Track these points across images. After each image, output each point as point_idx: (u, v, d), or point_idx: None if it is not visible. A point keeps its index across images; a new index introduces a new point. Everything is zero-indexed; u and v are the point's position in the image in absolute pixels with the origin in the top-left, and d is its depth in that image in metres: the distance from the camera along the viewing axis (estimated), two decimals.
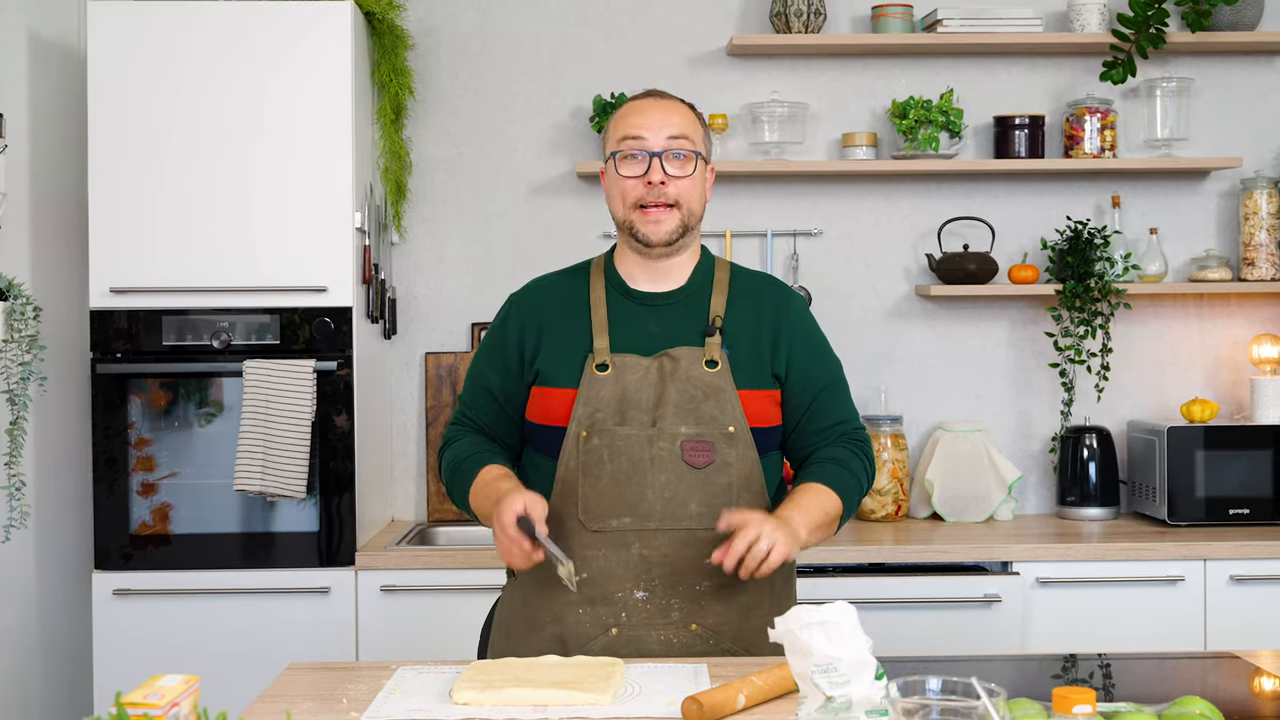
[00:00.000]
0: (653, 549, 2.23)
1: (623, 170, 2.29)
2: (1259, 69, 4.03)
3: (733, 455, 2.25)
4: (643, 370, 2.27)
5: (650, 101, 2.34)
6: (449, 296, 3.97)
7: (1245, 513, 3.66)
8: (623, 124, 2.32)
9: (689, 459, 2.24)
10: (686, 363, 2.26)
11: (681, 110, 2.34)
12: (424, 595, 3.37)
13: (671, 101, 2.35)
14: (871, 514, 3.84)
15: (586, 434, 2.25)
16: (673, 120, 2.30)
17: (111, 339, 3.38)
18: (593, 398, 2.25)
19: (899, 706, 1.46)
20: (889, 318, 4.02)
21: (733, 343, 2.30)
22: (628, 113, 2.33)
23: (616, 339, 2.29)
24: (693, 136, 2.31)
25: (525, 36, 3.99)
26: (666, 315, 2.32)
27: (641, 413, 2.25)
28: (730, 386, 2.26)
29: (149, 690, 1.49)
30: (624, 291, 2.34)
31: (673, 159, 2.28)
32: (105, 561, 3.37)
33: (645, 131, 2.28)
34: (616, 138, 2.31)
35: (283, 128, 3.39)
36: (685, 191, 2.29)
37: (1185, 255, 4.02)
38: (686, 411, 2.24)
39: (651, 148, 2.28)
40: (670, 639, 2.23)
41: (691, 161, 2.30)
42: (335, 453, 3.40)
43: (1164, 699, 1.76)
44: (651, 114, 2.31)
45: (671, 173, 2.28)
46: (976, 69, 4.01)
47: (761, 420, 2.29)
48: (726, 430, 2.25)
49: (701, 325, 2.31)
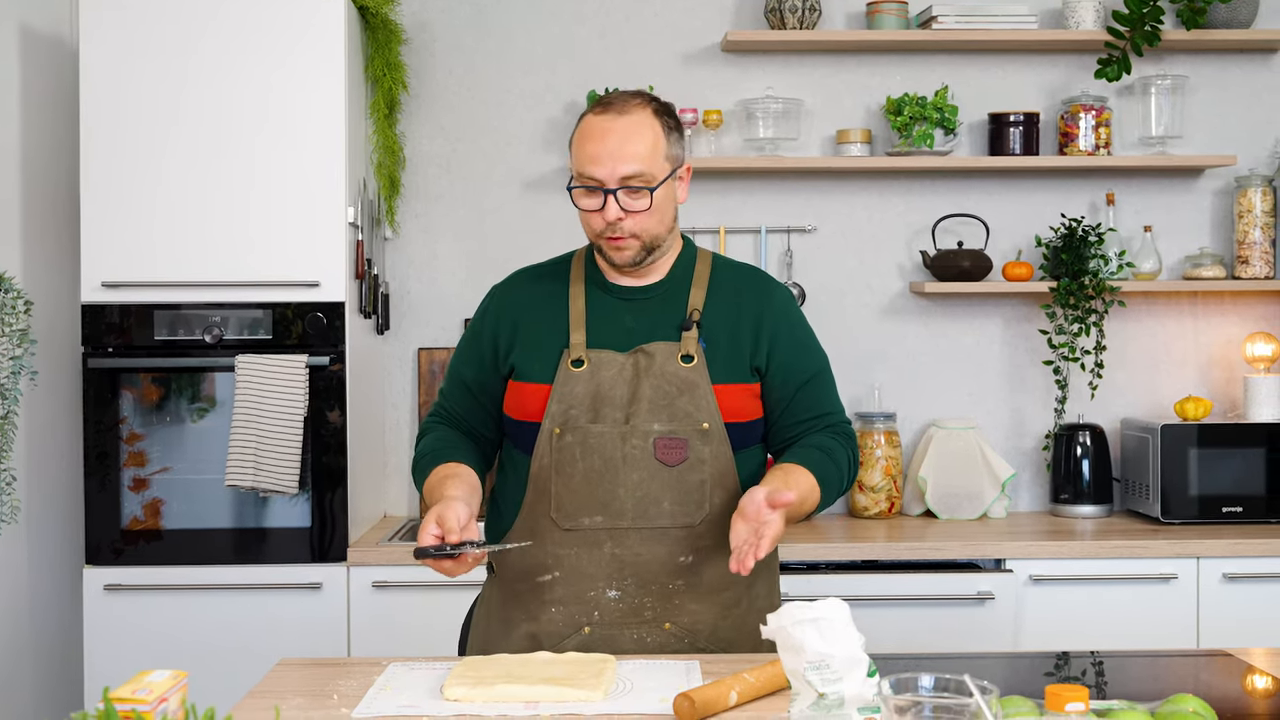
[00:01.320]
0: (625, 548, 2.22)
1: (581, 203, 2.25)
2: (1254, 67, 4.03)
3: (706, 452, 2.23)
4: (618, 366, 2.25)
5: (606, 127, 2.21)
6: (442, 292, 3.96)
7: (1238, 511, 3.66)
8: (580, 152, 2.23)
9: (661, 457, 2.22)
10: (661, 358, 2.24)
11: (639, 133, 2.22)
12: (416, 591, 3.36)
13: (628, 122, 2.22)
14: (864, 511, 3.84)
15: (559, 431, 2.23)
16: (627, 152, 2.20)
17: (103, 333, 3.37)
18: (567, 394, 2.24)
19: (891, 703, 1.46)
20: (883, 315, 4.01)
21: (711, 336, 2.27)
22: (585, 137, 2.24)
23: (593, 334, 2.28)
24: (649, 168, 2.21)
25: (520, 31, 3.99)
26: (644, 309, 2.30)
27: (615, 409, 2.23)
28: (705, 382, 2.24)
29: (137, 686, 1.49)
30: (602, 286, 2.32)
31: (628, 193, 2.21)
32: (96, 556, 3.36)
33: (599, 170, 2.20)
34: (575, 167, 2.25)
35: (276, 122, 3.37)
36: (642, 222, 2.23)
37: (1179, 253, 4.02)
38: (660, 408, 2.22)
39: (606, 185, 2.20)
40: (644, 638, 2.22)
41: (646, 197, 2.22)
42: (327, 448, 3.40)
43: (1157, 697, 1.75)
44: (607, 143, 2.20)
45: (628, 208, 2.21)
46: (971, 66, 4.01)
47: (738, 415, 2.27)
48: (700, 427, 2.23)
49: (680, 319, 2.29)
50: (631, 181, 2.21)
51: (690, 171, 2.35)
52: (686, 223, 3.94)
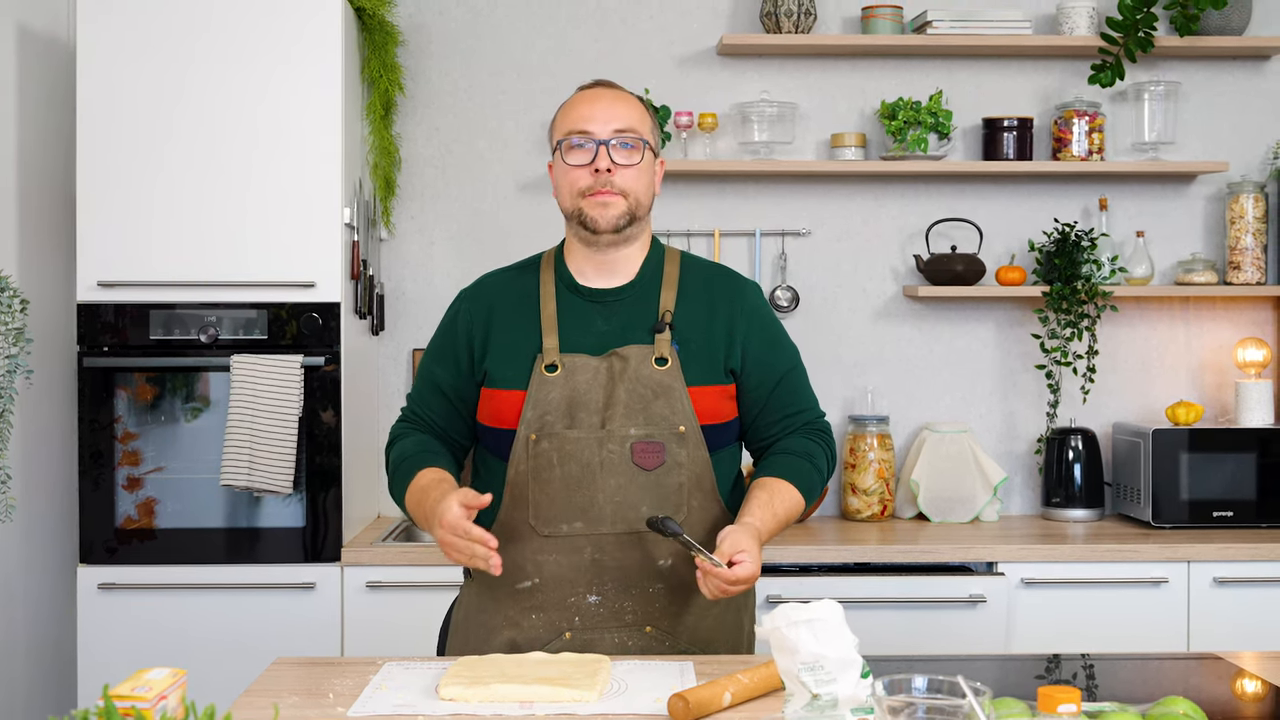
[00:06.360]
0: (605, 553, 2.22)
1: (570, 159, 2.27)
2: (1246, 73, 4.05)
3: (683, 455, 2.23)
4: (592, 370, 2.24)
5: (598, 92, 2.32)
6: (437, 293, 3.97)
7: (1229, 515, 3.67)
8: (570, 115, 2.30)
9: (639, 461, 2.22)
10: (636, 361, 2.24)
11: (629, 101, 2.32)
12: (409, 592, 3.36)
13: (619, 92, 2.33)
14: (857, 514, 3.85)
15: (535, 437, 2.22)
16: (618, 111, 2.28)
17: (98, 333, 3.37)
18: (541, 400, 2.23)
19: (885, 704, 1.47)
20: (876, 318, 4.03)
21: (683, 338, 2.27)
22: (575, 103, 2.32)
23: (566, 338, 2.27)
24: (640, 128, 2.29)
25: (515, 34, 3.99)
26: (616, 312, 2.30)
27: (590, 414, 2.22)
28: (680, 384, 2.24)
29: (136, 683, 1.49)
30: (573, 288, 2.32)
31: (620, 148, 2.26)
32: (90, 555, 3.37)
33: (591, 124, 2.26)
34: (564, 129, 2.29)
35: (272, 122, 3.38)
36: (632, 181, 2.27)
37: (1171, 258, 4.04)
38: (636, 412, 2.22)
39: (598, 137, 2.25)
40: (625, 641, 2.22)
41: (639, 151, 2.27)
42: (322, 448, 3.40)
43: (1147, 699, 1.76)
44: (598, 104, 2.29)
45: (619, 161, 2.26)
46: (966, 71, 4.02)
47: (714, 417, 2.27)
48: (677, 430, 2.23)
49: (651, 321, 2.28)
50: (624, 136, 2.26)
51: (664, 167, 2.38)
52: (682, 225, 3.96)
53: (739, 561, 2.07)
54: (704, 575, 2.07)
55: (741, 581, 2.07)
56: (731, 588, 2.08)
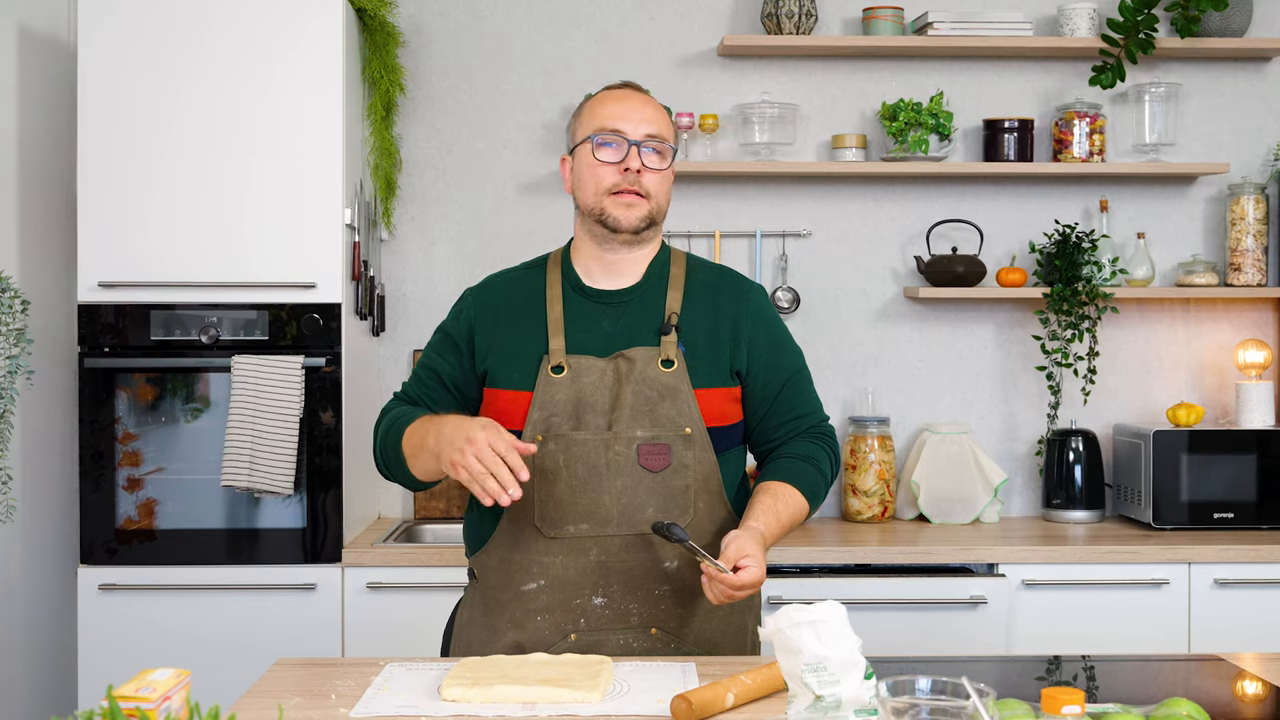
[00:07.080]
0: (610, 554, 2.22)
1: (600, 156, 2.28)
2: (1247, 75, 4.05)
3: (690, 457, 2.23)
4: (598, 372, 2.24)
5: (629, 93, 2.34)
6: (438, 294, 3.97)
7: (1229, 517, 3.67)
8: (601, 111, 2.30)
9: (645, 463, 2.22)
10: (642, 363, 2.24)
11: (658, 107, 2.35)
12: (410, 593, 3.36)
13: (648, 97, 2.36)
14: (858, 515, 3.85)
15: (542, 439, 2.22)
16: (649, 114, 2.30)
17: (99, 333, 3.37)
18: (548, 401, 2.23)
19: (889, 706, 1.47)
20: (877, 319, 4.03)
21: (689, 340, 2.28)
22: (606, 100, 2.32)
23: (572, 339, 2.27)
24: (668, 136, 2.32)
25: (516, 35, 3.99)
26: (622, 313, 2.30)
27: (597, 416, 2.22)
28: (687, 386, 2.24)
29: (140, 684, 1.49)
30: (579, 289, 2.32)
31: (650, 153, 2.28)
32: (90, 556, 3.36)
33: (624, 124, 2.27)
34: (593, 125, 2.30)
35: (273, 123, 3.38)
36: (657, 185, 2.29)
37: (1172, 260, 4.04)
38: (642, 413, 2.22)
39: (631, 138, 2.27)
40: (630, 643, 2.22)
41: (667, 158, 2.30)
42: (322, 449, 3.40)
43: (1149, 700, 1.76)
44: (630, 104, 2.30)
45: (649, 165, 2.27)
46: (966, 72, 4.02)
47: (719, 419, 2.27)
48: (683, 432, 2.23)
49: (657, 322, 2.29)
50: (655, 141, 2.28)
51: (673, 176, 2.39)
52: (683, 226, 3.95)
53: (744, 566, 2.07)
54: (709, 580, 2.07)
55: (747, 586, 2.07)
56: (737, 593, 2.08)
